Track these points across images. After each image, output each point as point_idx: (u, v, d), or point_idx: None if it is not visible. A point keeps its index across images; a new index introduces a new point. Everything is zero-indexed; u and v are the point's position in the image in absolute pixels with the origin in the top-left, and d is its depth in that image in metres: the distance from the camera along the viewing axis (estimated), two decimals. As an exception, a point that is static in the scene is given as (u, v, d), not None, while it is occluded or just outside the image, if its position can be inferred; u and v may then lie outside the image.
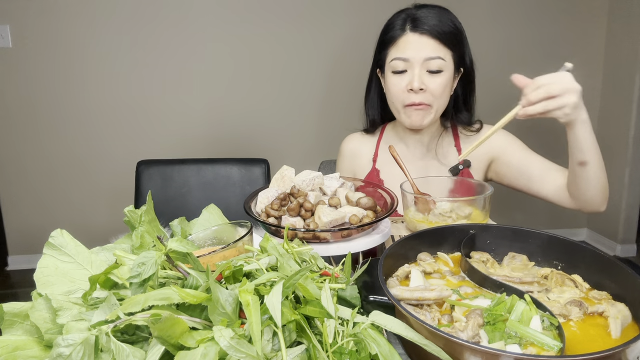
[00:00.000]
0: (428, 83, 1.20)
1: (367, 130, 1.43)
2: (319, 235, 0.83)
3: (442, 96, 1.23)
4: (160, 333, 0.48)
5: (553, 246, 0.78)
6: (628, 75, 2.93)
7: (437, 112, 1.25)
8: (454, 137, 1.35)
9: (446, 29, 1.20)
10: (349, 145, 1.45)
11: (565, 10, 3.01)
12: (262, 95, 2.92)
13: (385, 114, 1.40)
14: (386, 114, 1.40)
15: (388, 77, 1.25)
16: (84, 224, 2.91)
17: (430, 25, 1.19)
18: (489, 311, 0.62)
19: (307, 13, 2.84)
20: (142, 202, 1.60)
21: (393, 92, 1.24)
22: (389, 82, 1.25)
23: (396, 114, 1.28)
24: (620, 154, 3.02)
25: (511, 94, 1.46)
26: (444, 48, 1.20)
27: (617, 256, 3.14)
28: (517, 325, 0.58)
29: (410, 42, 1.20)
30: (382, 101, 1.38)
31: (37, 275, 0.62)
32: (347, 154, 1.44)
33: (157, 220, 0.78)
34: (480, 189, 1.08)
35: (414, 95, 1.21)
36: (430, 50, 1.19)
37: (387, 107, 1.37)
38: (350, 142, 1.45)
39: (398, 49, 1.21)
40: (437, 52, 1.19)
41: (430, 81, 1.20)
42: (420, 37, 1.19)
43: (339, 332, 0.55)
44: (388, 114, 1.40)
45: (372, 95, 1.38)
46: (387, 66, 1.25)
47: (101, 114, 2.81)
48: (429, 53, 1.19)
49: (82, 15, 2.67)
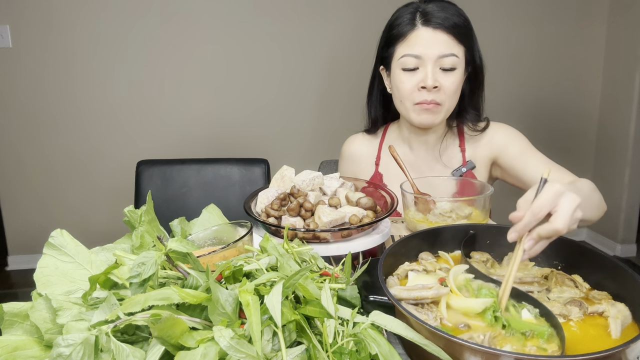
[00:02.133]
0: (442, 81, 1.15)
1: (368, 130, 1.39)
2: (319, 235, 0.83)
3: (455, 95, 1.19)
4: (160, 333, 0.48)
5: (553, 246, 0.77)
6: (628, 75, 2.93)
7: (448, 111, 1.21)
8: (459, 137, 1.32)
9: (458, 22, 1.15)
10: (350, 148, 1.40)
11: (565, 10, 3.02)
12: (262, 95, 2.92)
13: (387, 113, 1.36)
14: (389, 113, 1.36)
15: (397, 74, 1.19)
16: (84, 224, 2.91)
17: (443, 19, 1.13)
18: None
19: (306, 11, 2.84)
20: (142, 202, 1.60)
21: (403, 90, 1.18)
22: (397, 79, 1.19)
23: (404, 112, 1.23)
24: (620, 154, 3.02)
25: (511, 94, 1.52)
26: (457, 44, 1.15)
27: (617, 256, 3.15)
28: (514, 320, 0.60)
29: (422, 37, 1.14)
30: (385, 100, 1.34)
31: (37, 275, 0.62)
32: (348, 157, 1.40)
33: (157, 220, 0.78)
34: (481, 189, 1.08)
35: (426, 93, 1.16)
36: (443, 47, 1.14)
37: (390, 106, 1.33)
38: (351, 145, 1.40)
39: (408, 45, 1.16)
40: (450, 48, 1.14)
41: (444, 79, 1.15)
42: (434, 32, 1.14)
43: (339, 332, 0.55)
44: (391, 113, 1.36)
45: (374, 94, 1.34)
46: (395, 63, 1.19)
47: (101, 114, 2.82)
48: (442, 50, 1.14)
49: (82, 15, 2.67)
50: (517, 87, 3.09)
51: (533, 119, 3.14)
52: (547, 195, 0.66)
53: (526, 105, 3.12)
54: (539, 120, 3.15)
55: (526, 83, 3.09)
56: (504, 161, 1.26)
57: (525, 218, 0.66)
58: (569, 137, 3.19)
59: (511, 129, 1.29)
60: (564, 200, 0.66)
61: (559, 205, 0.66)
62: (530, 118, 3.13)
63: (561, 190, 0.66)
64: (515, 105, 3.10)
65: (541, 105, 3.14)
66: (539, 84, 3.11)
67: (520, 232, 0.67)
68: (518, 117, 3.09)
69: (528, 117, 3.13)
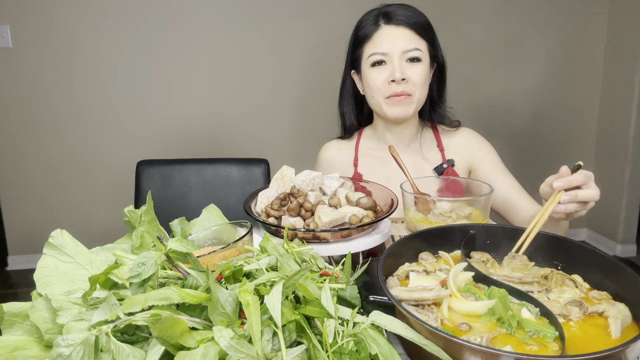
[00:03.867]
0: (409, 73, 1.20)
1: (342, 136, 1.42)
2: (319, 235, 0.83)
3: (423, 86, 1.23)
4: (160, 333, 0.48)
5: (553, 246, 0.78)
6: (628, 75, 2.93)
7: (419, 102, 1.25)
8: (435, 135, 1.36)
9: (418, 19, 1.21)
10: (327, 154, 1.42)
11: (565, 10, 3.02)
12: (262, 95, 2.92)
13: (361, 116, 1.40)
14: (362, 116, 1.40)
15: (367, 72, 1.24)
16: (84, 224, 2.91)
17: (405, 16, 1.20)
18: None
19: (307, 11, 2.84)
20: (142, 202, 1.60)
21: (373, 85, 1.23)
22: (368, 76, 1.24)
23: (377, 107, 1.27)
24: (620, 154, 3.02)
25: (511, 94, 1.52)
26: (420, 39, 1.21)
27: (617, 256, 3.15)
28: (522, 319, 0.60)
29: (387, 35, 1.20)
30: (357, 103, 1.38)
31: (37, 275, 0.62)
32: (326, 163, 1.41)
33: (157, 220, 0.78)
34: (480, 189, 1.08)
35: (396, 85, 1.20)
36: (407, 42, 1.19)
37: (363, 110, 1.37)
38: (327, 151, 1.42)
39: (374, 44, 1.22)
40: (413, 43, 1.20)
41: (411, 71, 1.20)
42: (397, 28, 1.20)
43: (339, 332, 0.55)
44: (364, 116, 1.39)
45: (346, 97, 1.37)
46: (364, 62, 1.24)
47: (101, 114, 2.82)
48: (406, 45, 1.19)
49: (82, 15, 2.68)
50: (517, 87, 3.09)
51: (533, 119, 3.14)
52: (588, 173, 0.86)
53: (526, 105, 3.12)
54: (539, 121, 3.15)
55: (526, 83, 3.09)
56: (476, 172, 1.31)
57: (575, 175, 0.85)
58: (569, 137, 3.19)
59: (484, 141, 1.35)
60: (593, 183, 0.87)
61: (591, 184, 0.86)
62: (530, 118, 3.13)
63: (591, 175, 0.87)
64: (515, 105, 3.10)
65: (541, 105, 3.14)
66: (539, 84, 3.11)
67: (565, 183, 0.84)
68: (518, 117, 3.09)
69: (528, 117, 3.13)
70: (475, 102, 3.01)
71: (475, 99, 3.02)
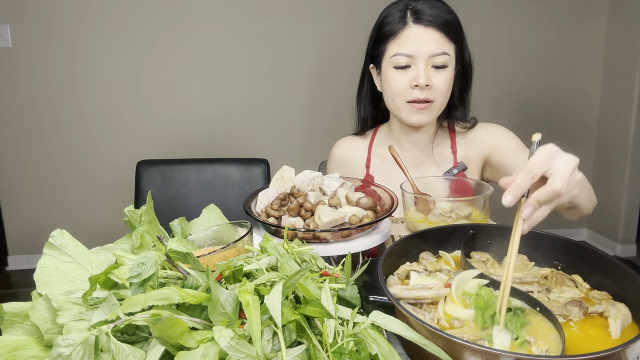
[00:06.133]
0: (434, 79, 1.14)
1: (357, 133, 1.37)
2: (319, 235, 0.83)
3: (447, 93, 1.18)
4: (160, 333, 0.48)
5: (553, 246, 0.78)
6: (628, 75, 2.93)
7: (440, 109, 1.20)
8: (450, 137, 1.31)
9: (449, 19, 1.14)
10: (339, 151, 1.38)
11: (565, 10, 3.02)
12: (262, 95, 2.92)
13: (377, 112, 1.35)
14: (378, 112, 1.35)
15: (388, 72, 1.18)
16: (84, 224, 2.91)
17: (434, 16, 1.12)
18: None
19: (308, 10, 2.84)
20: (142, 202, 1.60)
21: (395, 88, 1.17)
22: (389, 77, 1.17)
23: (395, 110, 1.21)
24: (620, 154, 3.02)
25: (511, 94, 1.51)
26: (448, 42, 1.14)
27: (617, 256, 3.14)
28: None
29: (414, 35, 1.13)
30: (374, 99, 1.32)
31: (37, 275, 0.62)
32: (337, 161, 1.38)
33: (157, 220, 0.78)
34: (480, 189, 1.08)
35: (419, 91, 1.15)
36: (435, 46, 1.12)
37: (379, 106, 1.31)
38: (340, 148, 1.38)
39: (400, 44, 1.14)
40: (442, 47, 1.13)
41: (436, 77, 1.14)
42: (425, 29, 1.12)
43: (339, 332, 0.55)
44: (380, 113, 1.35)
45: (364, 92, 1.32)
46: (386, 61, 1.18)
47: (101, 114, 2.82)
48: (434, 49, 1.12)
49: (82, 15, 2.68)
50: (517, 87, 3.09)
51: (533, 119, 3.14)
52: (540, 154, 0.61)
53: (526, 105, 3.12)
54: (539, 121, 3.15)
55: (526, 83, 3.09)
56: (495, 159, 1.24)
57: (517, 177, 0.61)
58: (569, 137, 3.18)
59: (503, 128, 1.28)
60: (560, 159, 0.61)
61: (554, 165, 0.61)
62: (530, 118, 3.13)
63: (555, 149, 0.62)
64: (515, 105, 3.10)
65: (541, 105, 3.14)
66: (539, 83, 3.11)
67: (514, 193, 0.60)
68: (518, 117, 3.09)
69: (528, 117, 3.13)
70: (474, 102, 3.01)
71: (474, 99, 3.01)
